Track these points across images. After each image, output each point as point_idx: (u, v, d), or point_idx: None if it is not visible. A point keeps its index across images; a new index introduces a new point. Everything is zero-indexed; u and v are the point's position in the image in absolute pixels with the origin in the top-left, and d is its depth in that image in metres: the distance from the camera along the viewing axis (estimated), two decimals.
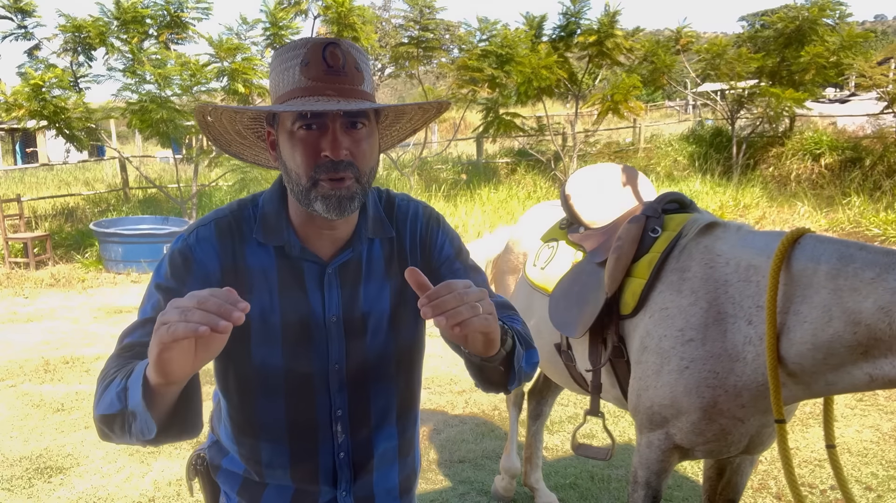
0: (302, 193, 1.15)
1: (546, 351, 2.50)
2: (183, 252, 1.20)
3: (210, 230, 1.22)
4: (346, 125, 1.13)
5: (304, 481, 1.30)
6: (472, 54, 11.82)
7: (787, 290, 1.64)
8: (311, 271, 1.24)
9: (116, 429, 1.04)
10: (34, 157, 23.90)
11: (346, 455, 1.30)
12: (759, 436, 1.91)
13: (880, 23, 71.17)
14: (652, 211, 2.15)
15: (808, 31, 12.82)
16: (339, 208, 1.14)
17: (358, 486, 1.32)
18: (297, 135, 1.13)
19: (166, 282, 1.18)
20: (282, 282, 1.23)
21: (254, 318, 1.21)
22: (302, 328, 1.23)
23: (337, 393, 1.26)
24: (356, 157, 1.14)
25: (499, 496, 3.25)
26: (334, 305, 1.24)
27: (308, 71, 1.12)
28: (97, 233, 9.64)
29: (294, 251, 1.23)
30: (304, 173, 1.14)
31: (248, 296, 1.19)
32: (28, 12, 10.17)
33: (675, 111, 24.70)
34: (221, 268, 1.21)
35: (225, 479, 1.35)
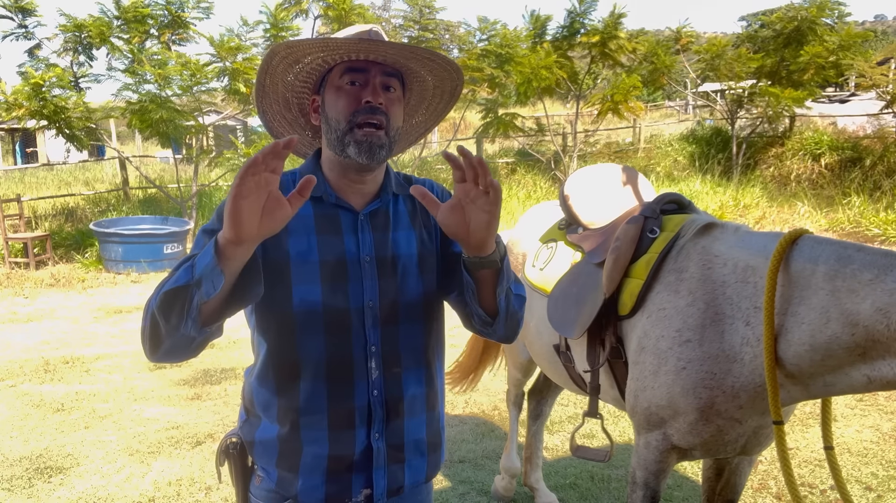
0: (339, 139, 1.32)
1: (545, 351, 2.51)
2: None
3: None
4: (383, 86, 1.33)
5: (341, 425, 1.36)
6: (471, 54, 11.83)
7: (785, 292, 1.64)
8: (346, 217, 1.38)
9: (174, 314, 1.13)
10: (34, 156, 23.89)
11: (380, 393, 1.38)
12: (757, 437, 1.91)
13: (880, 23, 71.14)
14: (650, 211, 2.15)
15: (807, 31, 12.83)
16: (370, 153, 1.31)
17: (390, 431, 1.40)
18: (344, 87, 1.33)
19: (212, 225, 1.28)
20: (318, 227, 1.35)
21: (293, 259, 1.32)
22: (338, 266, 1.35)
23: (371, 329, 1.36)
24: (389, 110, 1.33)
25: (499, 496, 3.25)
26: (367, 246, 1.37)
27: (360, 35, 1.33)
28: (97, 233, 9.65)
29: (330, 199, 1.37)
30: (345, 117, 1.31)
31: (286, 237, 1.32)
32: (29, 12, 10.18)
33: (674, 111, 24.69)
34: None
35: (261, 453, 1.40)
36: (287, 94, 1.43)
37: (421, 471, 1.47)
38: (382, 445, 1.39)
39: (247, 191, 1.04)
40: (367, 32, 1.37)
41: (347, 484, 1.39)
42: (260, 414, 1.41)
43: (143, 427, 4.27)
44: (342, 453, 1.37)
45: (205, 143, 11.66)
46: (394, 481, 1.42)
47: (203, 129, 11.05)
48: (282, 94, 1.42)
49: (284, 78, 1.39)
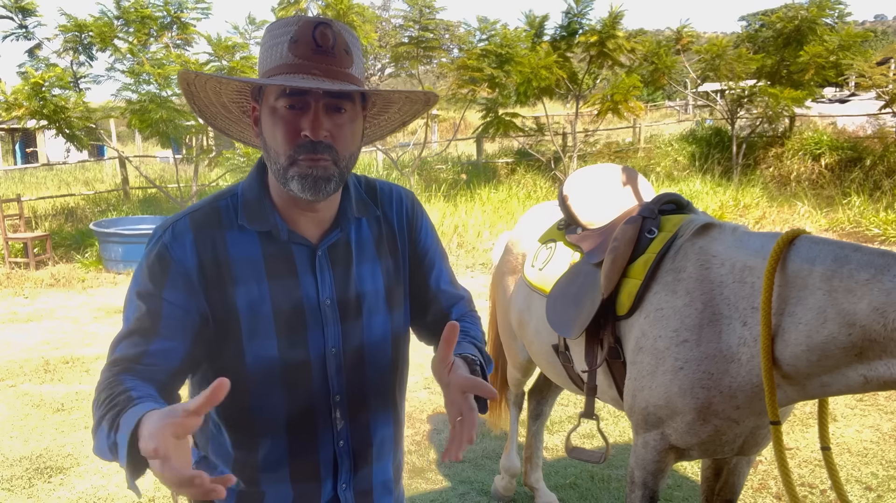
0: (280, 172, 1.14)
1: (544, 351, 2.51)
2: (160, 253, 1.16)
3: (185, 224, 1.18)
4: (329, 107, 1.12)
5: (305, 478, 1.27)
6: (471, 54, 11.82)
7: (782, 292, 1.64)
8: (301, 254, 1.21)
9: (100, 452, 1.05)
10: (34, 156, 23.89)
11: (346, 443, 1.28)
12: (754, 437, 1.91)
13: (880, 23, 71.12)
14: (648, 212, 2.15)
15: (807, 31, 12.82)
16: (315, 188, 1.13)
17: (358, 479, 1.31)
18: (279, 112, 1.12)
19: (144, 287, 1.16)
20: (270, 270, 1.19)
21: (242, 312, 1.18)
22: (295, 315, 1.20)
23: (335, 377, 1.24)
24: (336, 140, 1.13)
25: (499, 496, 3.25)
26: (327, 288, 1.22)
27: (296, 48, 1.10)
28: (97, 233, 9.64)
29: (282, 235, 1.20)
30: (283, 152, 1.12)
31: (232, 288, 1.17)
32: (29, 12, 10.18)
33: (674, 111, 24.70)
34: (199, 263, 1.16)
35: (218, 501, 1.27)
36: (222, 99, 1.23)
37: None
38: (350, 494, 1.31)
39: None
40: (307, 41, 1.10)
41: None
42: (215, 462, 1.31)
43: None
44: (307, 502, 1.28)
45: (205, 142, 11.66)
46: None
47: (203, 129, 11.05)
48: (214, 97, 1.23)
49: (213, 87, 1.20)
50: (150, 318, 1.14)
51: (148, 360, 1.13)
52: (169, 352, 1.15)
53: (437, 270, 1.39)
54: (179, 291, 1.15)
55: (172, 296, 1.14)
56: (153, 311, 1.14)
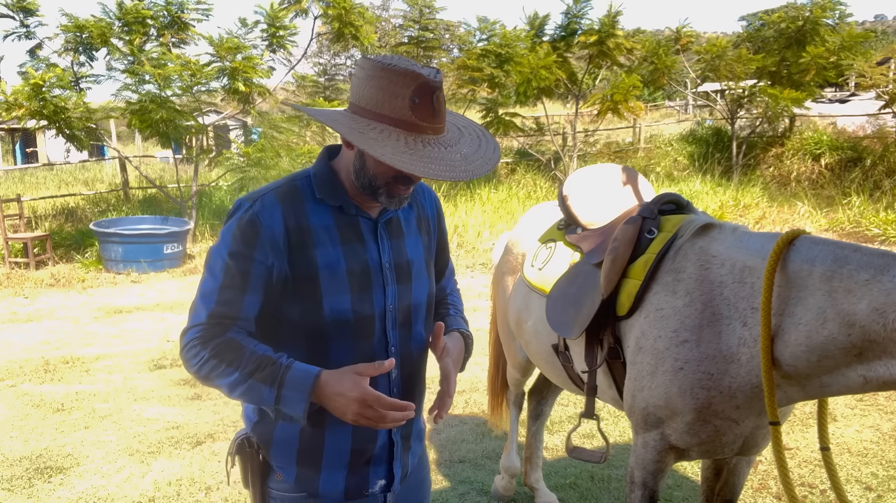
0: (370, 187, 1.36)
1: (544, 351, 2.51)
2: (251, 219, 1.35)
3: (272, 197, 1.38)
4: None
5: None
6: (471, 54, 11.83)
7: (782, 292, 1.64)
8: (366, 225, 1.44)
9: (249, 402, 1.38)
10: (34, 157, 23.89)
11: (398, 391, 1.48)
12: (754, 438, 1.91)
13: (880, 23, 71.13)
14: (648, 212, 2.15)
15: (808, 32, 12.82)
16: (399, 204, 1.39)
17: (405, 425, 1.50)
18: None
19: (236, 247, 1.35)
20: (343, 237, 1.41)
21: (322, 271, 1.38)
22: (364, 275, 1.42)
23: (391, 331, 1.45)
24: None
25: (499, 496, 3.25)
26: (387, 253, 1.45)
27: (418, 110, 1.27)
28: (97, 233, 9.65)
29: (351, 210, 1.42)
30: (383, 180, 1.34)
31: (313, 250, 1.37)
32: (30, 11, 10.18)
33: (674, 111, 24.69)
34: (286, 230, 1.36)
35: (280, 452, 1.45)
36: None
37: (417, 454, 1.61)
38: (399, 438, 1.51)
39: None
40: (427, 105, 1.28)
41: (366, 476, 1.48)
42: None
43: (143, 427, 4.28)
44: (364, 447, 1.46)
45: (205, 142, 11.66)
46: (405, 470, 1.55)
47: (203, 129, 11.05)
48: None
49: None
50: (242, 276, 1.34)
51: (244, 315, 1.36)
52: (253, 305, 1.37)
53: (440, 249, 1.65)
54: (267, 253, 1.35)
55: (261, 257, 1.34)
56: (244, 270, 1.34)
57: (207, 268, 1.38)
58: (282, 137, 10.94)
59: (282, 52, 11.11)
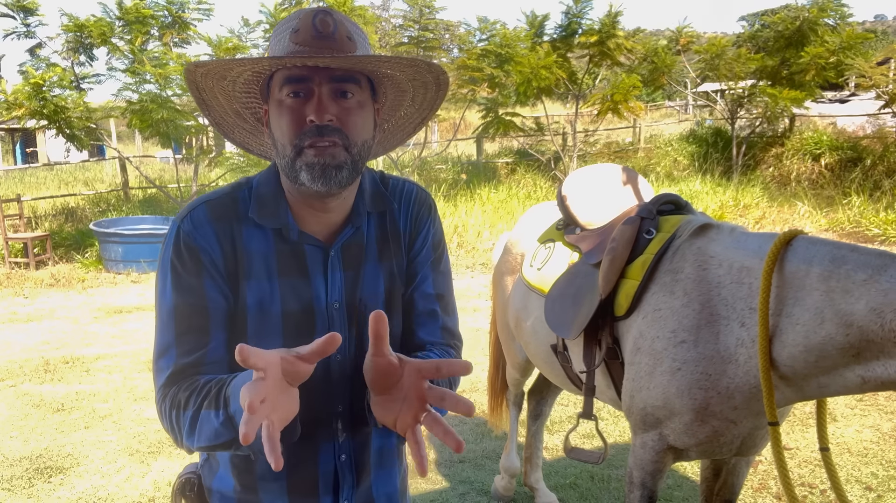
0: (288, 165, 1.09)
1: (543, 352, 2.51)
2: (186, 244, 1.12)
3: (203, 212, 1.14)
4: (335, 92, 1.08)
5: (303, 493, 1.21)
6: (471, 54, 11.83)
7: (780, 293, 1.64)
8: (314, 255, 1.17)
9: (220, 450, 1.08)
10: (34, 156, 23.90)
11: (348, 457, 1.22)
12: (752, 438, 1.91)
13: (880, 23, 71.10)
14: (647, 212, 2.15)
15: (808, 32, 12.82)
16: (325, 176, 1.07)
17: (359, 493, 1.25)
18: (285, 102, 1.08)
19: (182, 280, 1.12)
20: (281, 268, 1.15)
21: (251, 309, 1.14)
22: (304, 316, 1.15)
23: (338, 386, 1.18)
24: (345, 125, 1.08)
25: (499, 496, 3.25)
26: (337, 290, 1.17)
27: (297, 36, 1.07)
28: (97, 233, 9.65)
29: (292, 235, 1.15)
30: (290, 141, 1.08)
31: (245, 282, 1.14)
32: (31, 11, 10.18)
33: (674, 111, 24.69)
34: (222, 252, 1.13)
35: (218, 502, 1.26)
36: (234, 105, 1.21)
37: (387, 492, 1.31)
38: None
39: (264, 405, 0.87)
40: (308, 28, 1.07)
41: None
42: (218, 463, 1.25)
43: (143, 427, 4.28)
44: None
45: (205, 143, 11.66)
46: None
47: (203, 129, 11.05)
48: (227, 106, 1.20)
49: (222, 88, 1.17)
50: (198, 314, 1.11)
51: (209, 360, 1.11)
52: (220, 345, 1.13)
53: (421, 278, 1.28)
54: (213, 279, 1.12)
55: (210, 285, 1.12)
56: (198, 306, 1.11)
57: (157, 317, 1.13)
58: None
59: None
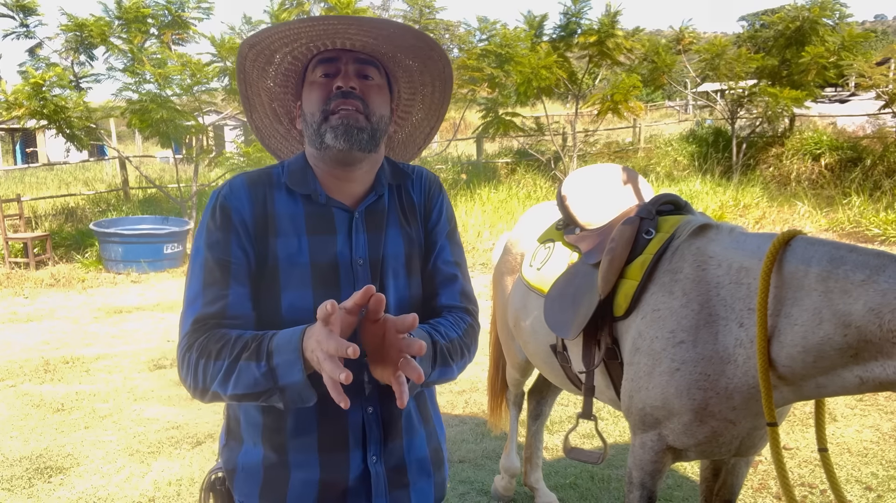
0: (315, 131, 1.25)
1: (542, 352, 2.51)
2: (221, 206, 1.26)
3: (241, 180, 1.30)
4: (358, 74, 1.27)
5: (332, 447, 1.25)
6: (471, 54, 11.83)
7: (778, 293, 1.64)
8: (341, 217, 1.29)
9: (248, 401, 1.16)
10: (34, 156, 23.90)
11: (375, 410, 1.28)
12: (751, 439, 1.91)
13: (880, 23, 71.08)
14: (646, 212, 2.15)
15: (808, 32, 12.82)
16: (347, 135, 1.22)
17: (388, 453, 1.29)
18: (317, 81, 1.27)
19: (210, 238, 1.25)
20: (310, 227, 1.27)
21: (282, 262, 1.25)
22: (331, 270, 1.26)
23: None
24: (366, 96, 1.25)
25: (499, 496, 3.25)
26: (361, 248, 1.29)
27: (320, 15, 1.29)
28: (97, 233, 9.65)
29: (321, 199, 1.29)
30: (318, 108, 1.24)
31: (275, 239, 1.26)
32: (30, 10, 10.18)
33: (674, 111, 24.68)
34: (253, 215, 1.26)
35: (243, 482, 1.29)
36: (273, 104, 1.41)
37: (428, 494, 1.37)
38: (381, 469, 1.28)
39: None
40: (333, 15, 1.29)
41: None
42: (243, 435, 1.31)
43: (143, 427, 4.28)
44: (335, 478, 1.25)
45: (205, 142, 11.66)
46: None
47: (203, 129, 11.05)
48: (268, 105, 1.41)
49: (265, 84, 1.37)
50: (221, 268, 1.23)
51: (231, 313, 1.21)
52: (244, 298, 1.24)
53: (440, 248, 1.39)
54: (241, 237, 1.25)
55: (237, 242, 1.24)
56: (222, 262, 1.23)
57: (188, 273, 1.26)
58: None
59: None
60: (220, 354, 1.15)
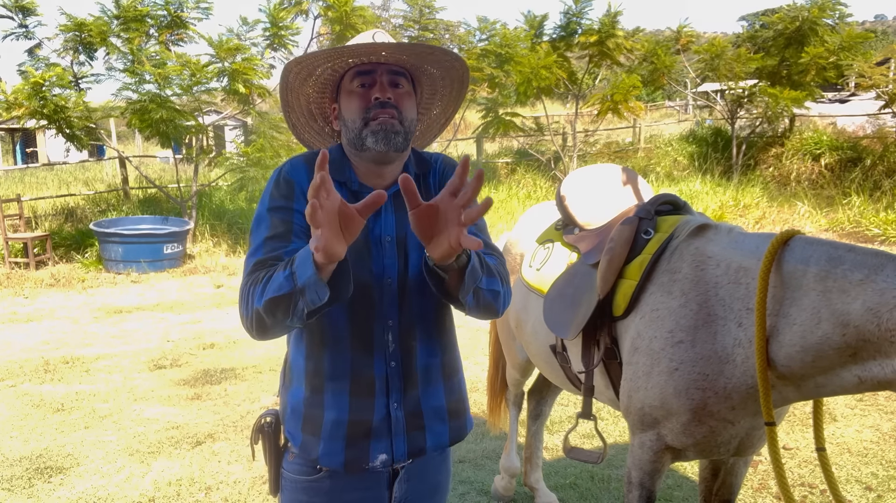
0: (356, 135, 1.44)
1: (542, 351, 2.51)
2: (285, 177, 1.47)
3: (299, 159, 1.50)
4: (391, 83, 1.46)
5: (361, 392, 1.47)
6: (471, 54, 11.83)
7: (777, 293, 1.64)
8: None
9: (280, 313, 1.29)
10: (34, 156, 23.89)
11: (397, 364, 1.48)
12: (750, 438, 1.91)
13: (880, 23, 71.06)
14: (645, 212, 2.15)
15: (808, 32, 12.82)
16: (387, 139, 1.42)
17: (408, 400, 1.50)
18: (355, 91, 1.46)
19: (275, 202, 1.45)
20: None
21: None
22: (362, 244, 1.44)
23: (389, 304, 1.47)
24: (399, 104, 1.45)
25: (499, 496, 3.26)
26: (389, 227, 1.48)
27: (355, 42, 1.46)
28: (97, 233, 9.65)
29: (353, 185, 1.48)
30: (359, 115, 1.44)
31: None
32: (29, 11, 10.18)
33: (674, 111, 24.68)
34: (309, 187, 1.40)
35: (290, 417, 1.52)
36: (310, 106, 1.60)
37: (443, 435, 1.57)
38: (401, 414, 1.49)
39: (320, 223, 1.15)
40: (368, 36, 1.50)
41: (366, 449, 1.48)
42: (292, 377, 1.53)
43: (143, 427, 4.28)
44: (361, 419, 1.47)
45: (205, 142, 11.66)
46: (414, 446, 1.52)
47: (203, 129, 11.05)
48: (305, 107, 1.60)
49: (304, 91, 1.56)
50: (285, 226, 1.42)
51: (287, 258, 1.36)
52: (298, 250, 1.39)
53: None
54: (300, 203, 1.43)
55: (299, 206, 1.44)
56: (286, 221, 1.43)
57: (252, 234, 1.46)
58: (281, 137, 10.94)
59: (283, 50, 11.13)
60: (264, 276, 1.33)
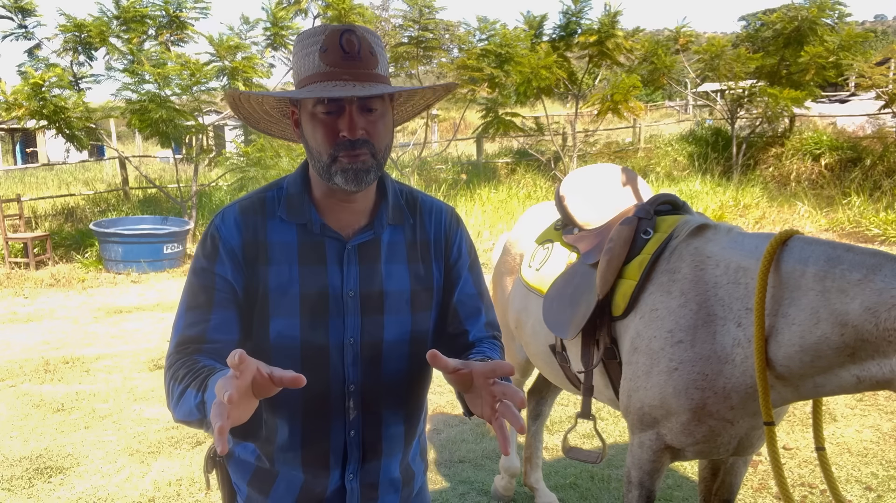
0: (323, 169, 1.25)
1: (541, 351, 2.51)
2: (211, 234, 1.32)
3: (234, 209, 1.33)
4: (362, 108, 1.23)
5: (315, 464, 1.34)
6: (471, 54, 11.83)
7: (776, 293, 1.65)
8: (332, 247, 1.32)
9: (196, 427, 1.17)
10: (34, 157, 23.90)
11: (357, 434, 1.34)
12: (749, 438, 1.92)
13: (880, 23, 71.05)
14: (644, 212, 2.16)
15: (807, 32, 12.82)
16: (357, 180, 1.24)
17: (365, 471, 1.37)
18: (318, 117, 1.23)
19: (198, 264, 1.31)
20: (302, 256, 1.30)
21: (272, 291, 1.29)
22: (320, 300, 1.29)
23: (351, 367, 1.31)
24: (371, 136, 1.24)
25: (499, 496, 3.26)
26: (352, 280, 1.31)
27: (326, 57, 1.21)
28: (97, 233, 9.65)
29: (315, 228, 1.31)
30: (325, 151, 1.24)
31: (266, 267, 1.29)
32: (29, 11, 10.18)
33: (674, 111, 24.68)
34: (243, 243, 1.30)
35: (236, 468, 1.40)
36: (265, 107, 1.37)
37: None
38: (356, 485, 1.37)
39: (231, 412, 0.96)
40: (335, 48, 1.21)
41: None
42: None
43: (143, 427, 4.28)
44: (315, 489, 1.36)
45: (205, 142, 11.66)
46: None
47: (203, 129, 11.05)
48: (258, 108, 1.37)
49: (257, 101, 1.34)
50: (205, 293, 1.28)
51: (211, 337, 1.26)
52: (226, 323, 1.28)
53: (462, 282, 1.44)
54: (227, 266, 1.29)
55: (221, 270, 1.28)
56: (206, 288, 1.28)
57: (182, 292, 1.32)
58: None
59: (283, 49, 11.13)
60: (183, 379, 1.18)
